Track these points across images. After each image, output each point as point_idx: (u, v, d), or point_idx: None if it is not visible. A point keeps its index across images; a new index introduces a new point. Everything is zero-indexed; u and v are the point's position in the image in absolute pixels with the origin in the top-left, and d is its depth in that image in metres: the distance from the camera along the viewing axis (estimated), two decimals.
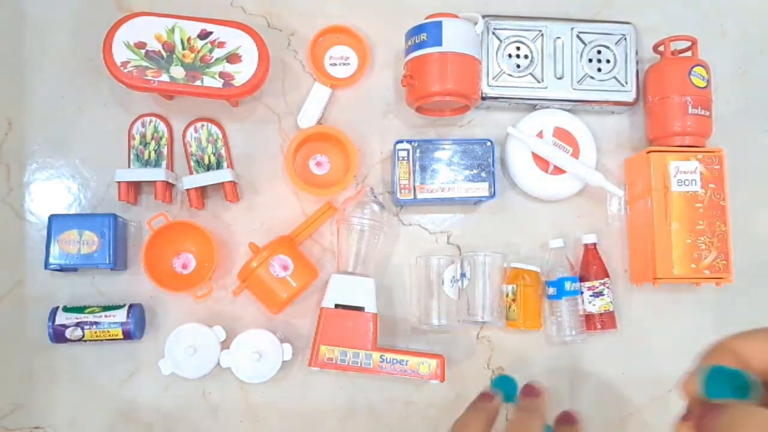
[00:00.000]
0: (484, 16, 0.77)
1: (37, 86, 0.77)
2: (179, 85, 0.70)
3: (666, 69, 0.78)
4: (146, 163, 0.75)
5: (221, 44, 0.71)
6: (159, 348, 0.71)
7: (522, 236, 0.79)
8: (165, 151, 0.75)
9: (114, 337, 0.70)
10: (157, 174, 0.72)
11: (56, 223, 0.71)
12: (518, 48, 0.78)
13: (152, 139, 0.75)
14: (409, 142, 0.75)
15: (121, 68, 0.69)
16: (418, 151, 0.75)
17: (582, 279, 0.76)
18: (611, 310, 0.75)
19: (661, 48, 0.79)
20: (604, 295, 0.75)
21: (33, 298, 0.74)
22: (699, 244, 0.74)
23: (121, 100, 0.77)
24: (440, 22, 0.71)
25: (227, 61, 0.71)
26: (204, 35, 0.71)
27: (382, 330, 0.74)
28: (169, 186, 0.74)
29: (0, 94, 0.77)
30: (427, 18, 0.73)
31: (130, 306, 0.71)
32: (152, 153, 0.75)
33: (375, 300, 0.71)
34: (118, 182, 0.72)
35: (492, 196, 0.75)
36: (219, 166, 0.75)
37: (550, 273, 0.76)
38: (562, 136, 0.77)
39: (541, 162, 0.77)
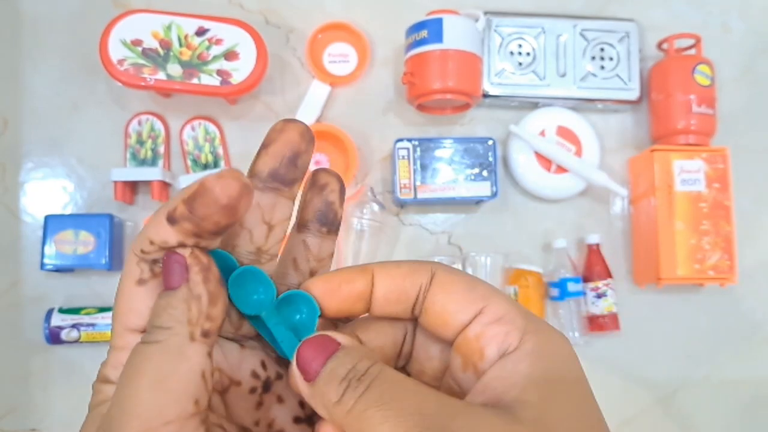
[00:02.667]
0: (485, 13, 0.76)
1: (33, 84, 0.76)
2: (176, 83, 0.69)
3: (670, 67, 0.77)
4: (142, 162, 0.74)
5: (219, 41, 0.70)
6: None
7: (524, 236, 0.78)
8: (161, 149, 0.74)
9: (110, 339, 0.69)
10: (154, 173, 0.71)
11: (52, 223, 0.70)
12: (520, 45, 0.77)
13: (149, 137, 0.74)
14: (410, 140, 0.74)
15: (118, 66, 0.68)
16: (418, 149, 0.74)
17: (585, 280, 0.75)
18: (614, 311, 0.75)
19: (665, 46, 0.78)
20: (607, 296, 0.74)
21: (29, 300, 0.73)
22: (703, 244, 0.73)
23: (117, 98, 0.76)
24: (441, 19, 0.70)
25: (225, 59, 0.70)
26: (201, 32, 0.70)
27: None
28: (165, 185, 0.73)
29: None
30: (427, 15, 0.72)
31: None
32: (149, 152, 0.74)
33: None
34: (114, 182, 0.71)
35: (494, 195, 0.74)
36: (216, 164, 0.74)
37: (552, 274, 0.75)
38: (565, 134, 0.76)
39: (544, 161, 0.76)
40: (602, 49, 0.78)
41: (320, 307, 0.23)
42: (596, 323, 0.75)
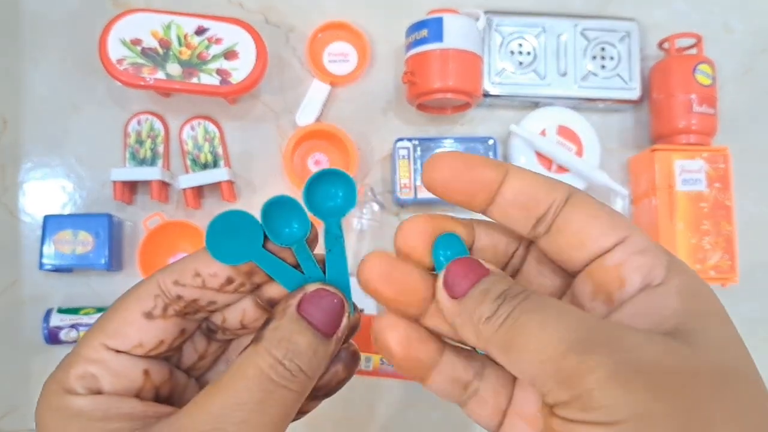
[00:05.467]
0: (485, 12, 0.76)
1: (32, 84, 0.76)
2: (175, 83, 0.69)
3: (670, 66, 0.76)
4: (142, 162, 0.73)
5: (218, 41, 0.70)
6: None
7: None
8: (161, 149, 0.74)
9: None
10: (153, 173, 0.71)
11: (51, 223, 0.70)
12: (521, 45, 0.77)
13: (148, 137, 0.74)
14: (410, 140, 0.74)
15: (117, 65, 0.68)
16: (418, 149, 0.74)
17: None
18: None
19: (666, 45, 0.78)
20: None
21: (27, 299, 0.73)
22: (704, 244, 0.73)
23: (116, 98, 0.76)
24: (441, 18, 0.70)
25: (224, 58, 0.70)
26: (201, 31, 0.70)
27: None
28: (165, 185, 0.73)
29: None
30: (428, 14, 0.72)
31: None
32: (148, 152, 0.74)
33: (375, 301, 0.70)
34: (114, 181, 0.71)
35: None
36: (216, 164, 0.74)
37: None
38: (566, 134, 0.76)
39: (545, 161, 0.76)
40: (603, 49, 0.78)
41: (439, 183, 0.21)
42: None
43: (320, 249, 0.24)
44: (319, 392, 0.25)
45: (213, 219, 0.22)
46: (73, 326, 0.69)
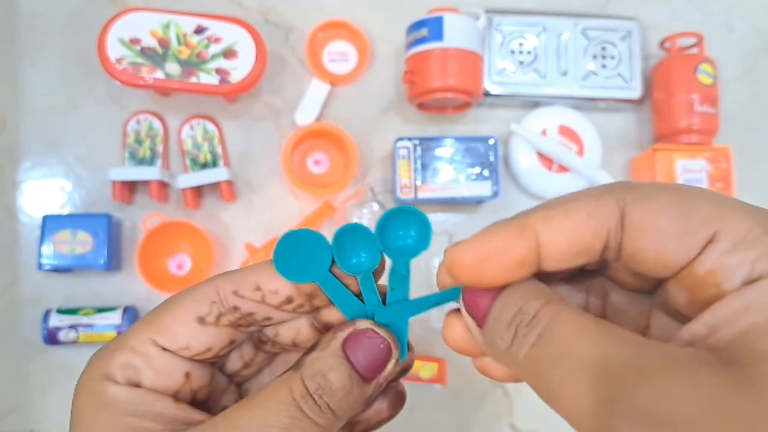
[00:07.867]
0: (486, 11, 0.75)
1: (30, 83, 0.76)
2: (175, 82, 0.69)
3: (672, 66, 0.76)
4: (141, 162, 0.73)
5: (217, 40, 0.69)
6: None
7: None
8: (160, 149, 0.73)
9: (108, 340, 0.69)
10: (152, 173, 0.71)
11: (50, 223, 0.70)
12: (521, 44, 0.77)
13: (147, 137, 0.74)
14: (410, 139, 0.73)
15: (116, 65, 0.68)
16: (419, 149, 0.73)
17: None
18: None
19: (667, 44, 0.78)
20: None
21: (26, 300, 0.73)
22: None
23: (115, 97, 0.75)
24: (441, 17, 0.70)
25: (223, 57, 0.69)
26: (200, 31, 0.70)
27: None
28: (164, 185, 0.73)
29: None
30: (428, 13, 0.72)
31: (125, 308, 0.70)
32: (147, 151, 0.73)
33: None
34: (113, 181, 0.71)
35: (495, 195, 0.73)
36: (215, 164, 0.74)
37: None
38: (567, 133, 0.76)
39: (545, 160, 0.75)
40: (604, 48, 0.78)
41: (468, 281, 0.19)
42: None
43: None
44: (357, 427, 0.24)
45: (283, 235, 0.21)
46: (72, 327, 0.68)
